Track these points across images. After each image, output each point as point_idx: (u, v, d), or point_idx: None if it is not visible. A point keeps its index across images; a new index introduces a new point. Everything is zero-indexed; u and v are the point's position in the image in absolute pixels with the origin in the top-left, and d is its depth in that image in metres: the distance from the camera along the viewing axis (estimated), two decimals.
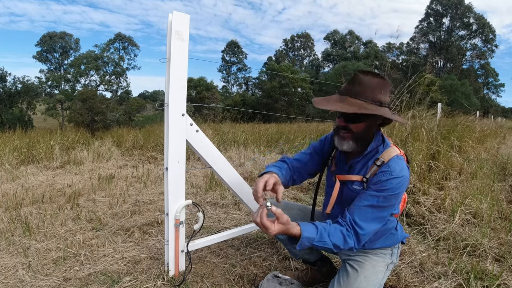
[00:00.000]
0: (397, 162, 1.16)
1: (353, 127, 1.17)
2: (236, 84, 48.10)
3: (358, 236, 1.13)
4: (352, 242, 1.13)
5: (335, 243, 1.11)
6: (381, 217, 1.16)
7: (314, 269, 1.58)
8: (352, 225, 1.13)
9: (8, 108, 28.55)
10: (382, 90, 1.13)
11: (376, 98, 1.12)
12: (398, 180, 1.13)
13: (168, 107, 1.40)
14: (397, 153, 1.20)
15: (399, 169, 1.15)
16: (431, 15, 41.46)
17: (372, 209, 1.14)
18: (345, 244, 1.12)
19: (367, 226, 1.13)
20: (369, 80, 1.12)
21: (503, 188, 3.27)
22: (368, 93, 1.11)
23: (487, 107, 36.57)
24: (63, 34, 37.82)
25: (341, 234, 1.12)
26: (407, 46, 43.43)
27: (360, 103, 1.11)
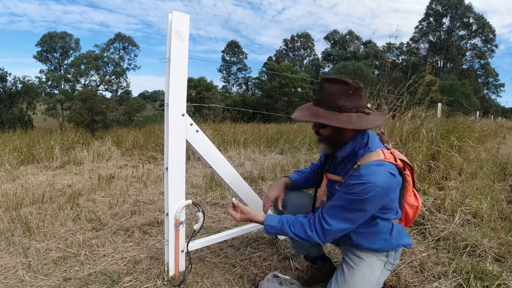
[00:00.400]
0: (369, 168, 1.14)
1: (322, 132, 1.25)
2: (236, 84, 48.15)
3: (324, 231, 1.20)
4: (315, 235, 1.20)
5: (295, 233, 1.23)
6: (349, 218, 1.17)
7: (314, 268, 1.59)
8: (320, 220, 1.20)
9: (8, 108, 28.55)
10: (344, 95, 1.15)
11: (336, 104, 1.16)
12: (364, 186, 1.11)
13: (168, 107, 1.40)
14: (379, 158, 1.16)
15: (368, 174, 1.12)
16: (431, 15, 41.48)
17: (339, 209, 1.18)
18: (306, 235, 1.22)
19: (333, 223, 1.18)
20: (330, 87, 1.17)
21: (503, 188, 3.26)
22: (328, 100, 1.17)
23: (487, 107, 36.55)
24: (64, 34, 37.83)
25: (301, 226, 1.23)
26: (407, 46, 43.45)
27: (316, 111, 1.19)
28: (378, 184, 1.11)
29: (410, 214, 1.35)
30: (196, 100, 28.37)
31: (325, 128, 1.22)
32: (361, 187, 1.12)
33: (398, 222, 1.34)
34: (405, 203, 1.33)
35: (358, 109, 1.17)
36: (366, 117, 1.18)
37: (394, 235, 1.28)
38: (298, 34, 49.46)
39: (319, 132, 1.26)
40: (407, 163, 1.27)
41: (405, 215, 1.35)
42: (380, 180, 1.12)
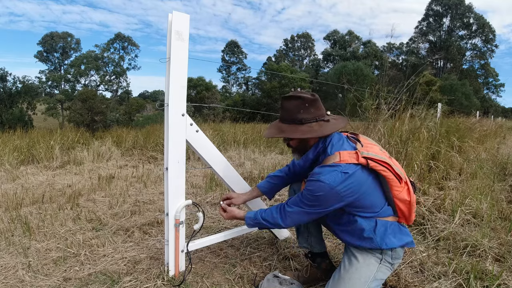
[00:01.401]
0: (322, 168, 1.25)
1: (291, 143, 1.41)
2: (236, 84, 48.14)
3: (286, 213, 1.32)
4: (278, 217, 1.34)
5: (264, 218, 1.39)
6: (305, 204, 1.28)
7: (314, 267, 1.59)
8: (284, 205, 1.34)
9: (8, 108, 28.56)
10: (301, 109, 1.31)
11: (296, 118, 1.32)
12: (315, 184, 1.23)
13: (168, 107, 1.40)
14: (334, 161, 1.25)
15: (319, 174, 1.23)
16: (430, 15, 41.47)
17: (300, 197, 1.30)
18: (272, 217, 1.36)
19: (292, 210, 1.31)
20: (288, 104, 1.34)
21: (503, 188, 3.26)
22: (288, 116, 1.34)
23: (487, 107, 36.56)
24: (65, 34, 37.87)
25: (270, 212, 1.38)
26: (406, 46, 43.44)
27: (281, 127, 1.37)
28: (326, 183, 1.20)
29: (405, 209, 1.33)
30: (196, 100, 28.37)
31: (292, 140, 1.38)
32: (313, 184, 1.24)
33: (393, 219, 1.33)
34: (395, 198, 1.31)
35: (317, 118, 1.33)
36: (326, 124, 1.33)
37: (379, 233, 1.28)
38: (298, 34, 49.50)
39: (289, 144, 1.42)
40: (378, 159, 1.26)
41: (400, 211, 1.33)
42: (329, 179, 1.20)
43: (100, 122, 24.74)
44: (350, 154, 1.26)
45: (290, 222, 1.33)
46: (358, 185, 1.24)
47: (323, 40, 48.07)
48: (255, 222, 1.43)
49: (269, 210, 1.40)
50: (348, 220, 1.32)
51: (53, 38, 36.87)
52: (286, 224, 1.34)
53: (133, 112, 32.26)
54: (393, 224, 1.32)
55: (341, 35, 46.40)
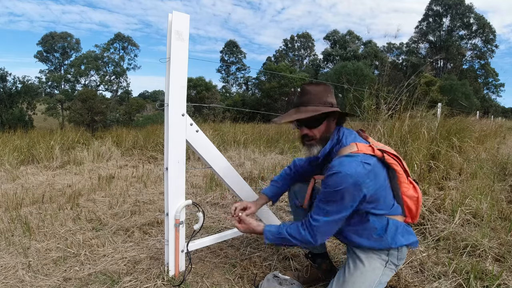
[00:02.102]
0: (340, 159, 1.21)
1: (316, 132, 1.31)
2: (235, 84, 48.13)
3: (312, 228, 1.23)
4: (307, 233, 1.24)
5: (290, 233, 1.28)
6: (328, 210, 1.21)
7: (314, 267, 1.59)
8: (309, 218, 1.26)
9: (8, 108, 28.57)
10: (328, 93, 1.30)
11: (325, 100, 1.28)
12: (335, 176, 1.17)
13: (168, 107, 1.40)
14: (352, 150, 1.23)
15: (338, 165, 1.18)
16: (430, 15, 41.46)
17: (320, 203, 1.23)
18: (300, 234, 1.26)
19: (318, 218, 1.23)
20: (314, 88, 1.30)
21: (503, 188, 3.26)
22: (317, 99, 1.28)
23: (487, 107, 36.54)
24: (65, 34, 37.86)
25: (296, 227, 1.28)
26: (406, 46, 43.44)
27: (313, 108, 1.27)
28: (348, 173, 1.15)
29: (412, 207, 1.33)
30: (196, 100, 28.37)
31: (318, 127, 1.30)
32: (333, 178, 1.17)
33: (401, 219, 1.32)
34: (404, 195, 1.31)
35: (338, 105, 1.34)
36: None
37: (390, 232, 1.27)
38: (298, 34, 49.50)
39: (311, 134, 1.31)
40: (391, 153, 1.28)
41: (407, 209, 1.33)
42: (350, 169, 1.16)
43: (100, 122, 24.75)
44: (366, 146, 1.26)
45: (321, 238, 1.24)
46: (377, 177, 1.22)
47: (323, 40, 48.12)
48: (279, 237, 1.31)
49: (295, 226, 1.29)
50: (360, 219, 1.27)
51: (53, 38, 36.87)
52: (316, 241, 1.24)
53: (133, 112, 32.28)
54: (401, 223, 1.32)
55: (341, 35, 46.40)
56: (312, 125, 1.30)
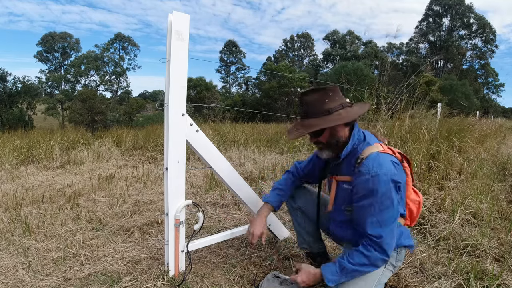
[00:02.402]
0: (373, 160, 1.19)
1: (321, 139, 1.29)
2: (235, 84, 48.11)
3: (379, 245, 1.17)
4: (376, 253, 1.17)
5: (357, 263, 1.19)
6: (386, 219, 1.18)
7: (314, 265, 1.59)
8: (369, 239, 1.19)
9: (8, 108, 28.56)
10: (326, 100, 1.24)
11: (323, 109, 1.24)
12: (377, 178, 1.16)
13: (168, 107, 1.40)
14: (379, 150, 1.22)
15: (375, 166, 1.17)
16: (430, 15, 41.45)
17: (373, 217, 1.18)
18: (368, 258, 1.18)
19: (381, 231, 1.17)
20: (310, 98, 1.26)
21: (503, 188, 3.26)
22: (313, 109, 1.25)
23: (487, 107, 36.54)
24: (64, 34, 37.86)
25: (358, 253, 1.19)
26: (406, 46, 43.43)
27: (308, 123, 1.25)
28: (386, 173, 1.16)
29: (414, 210, 1.36)
30: (196, 100, 28.37)
31: (321, 135, 1.28)
32: (374, 181, 1.16)
33: (402, 221, 1.34)
34: (408, 199, 1.34)
35: (343, 105, 1.26)
36: (351, 109, 1.28)
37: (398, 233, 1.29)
38: (298, 34, 49.47)
39: (318, 140, 1.30)
40: (405, 156, 1.32)
41: (409, 212, 1.36)
42: (387, 169, 1.17)
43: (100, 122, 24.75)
44: (387, 147, 1.27)
45: (391, 249, 1.20)
46: (404, 176, 1.25)
47: (323, 40, 48.11)
48: (345, 273, 1.21)
49: (355, 253, 1.20)
50: None
51: (53, 38, 36.87)
52: (388, 255, 1.19)
53: (133, 112, 32.28)
54: (403, 226, 1.35)
55: (341, 35, 46.38)
56: (316, 135, 1.29)
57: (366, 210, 1.19)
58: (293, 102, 32.03)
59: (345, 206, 1.34)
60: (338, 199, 1.37)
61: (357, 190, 1.22)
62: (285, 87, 31.74)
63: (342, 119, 1.23)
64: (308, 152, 4.43)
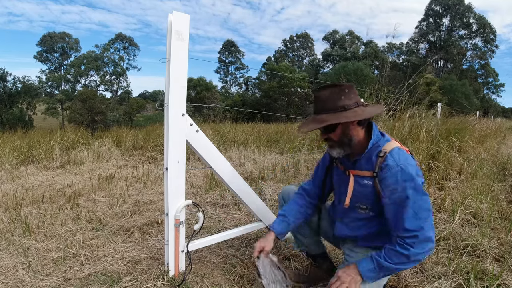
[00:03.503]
0: (398, 153, 1.21)
1: (333, 136, 1.26)
2: (235, 84, 48.09)
3: (419, 238, 1.14)
4: (414, 250, 1.14)
5: (397, 262, 1.15)
6: (425, 208, 1.16)
7: (315, 266, 1.59)
8: (406, 236, 1.15)
9: (8, 108, 28.57)
10: (342, 96, 1.22)
11: (338, 105, 1.21)
12: (404, 171, 1.17)
13: (168, 107, 1.40)
14: (398, 145, 1.24)
15: (402, 159, 1.19)
16: (430, 15, 41.46)
17: (410, 209, 1.15)
18: (408, 257, 1.14)
19: (420, 223, 1.14)
20: (326, 93, 1.24)
21: (503, 188, 3.26)
22: (329, 104, 1.23)
23: (487, 107, 36.58)
24: (64, 34, 37.85)
25: (397, 253, 1.16)
26: (406, 46, 43.43)
27: (322, 117, 1.22)
28: (413, 165, 1.19)
29: None
30: (196, 100, 28.36)
31: (334, 132, 1.25)
32: (404, 172, 1.16)
33: None
34: None
35: (358, 103, 1.24)
36: (366, 108, 1.25)
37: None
38: (298, 34, 49.44)
39: (329, 137, 1.28)
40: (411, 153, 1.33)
41: None
42: (411, 161, 1.21)
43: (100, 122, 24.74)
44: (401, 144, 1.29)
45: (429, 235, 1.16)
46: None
47: (322, 40, 48.10)
48: (382, 271, 1.19)
49: (390, 251, 1.17)
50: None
51: (52, 38, 36.86)
52: (431, 249, 1.17)
53: (133, 112, 32.30)
54: None
55: (340, 35, 46.38)
56: (328, 131, 1.27)
57: (402, 204, 1.17)
58: (293, 102, 32.03)
59: (360, 203, 1.31)
60: (354, 195, 1.33)
61: (387, 184, 1.20)
62: (285, 87, 31.75)
63: (356, 116, 1.21)
64: (308, 152, 4.43)
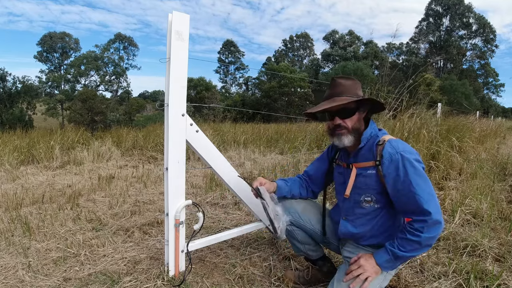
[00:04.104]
0: (397, 141, 1.26)
1: (348, 122, 1.30)
2: (235, 84, 48.08)
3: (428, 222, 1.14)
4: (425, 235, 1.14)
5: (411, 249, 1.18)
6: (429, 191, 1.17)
7: (315, 268, 1.59)
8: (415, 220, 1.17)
9: (8, 108, 28.58)
10: (358, 87, 1.34)
11: (357, 93, 1.32)
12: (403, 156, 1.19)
13: (168, 107, 1.40)
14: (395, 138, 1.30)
15: (401, 146, 1.23)
16: (431, 15, 41.46)
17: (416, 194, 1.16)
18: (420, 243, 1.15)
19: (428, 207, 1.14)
20: (345, 81, 1.33)
21: (503, 188, 3.26)
22: (349, 90, 1.31)
23: (487, 107, 36.59)
24: (64, 34, 37.84)
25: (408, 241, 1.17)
26: (406, 46, 43.44)
27: (347, 98, 1.28)
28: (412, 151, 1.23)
29: None
30: (196, 100, 28.37)
31: (350, 117, 1.30)
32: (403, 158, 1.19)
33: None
34: None
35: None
36: None
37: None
38: (297, 34, 49.44)
39: (343, 124, 1.30)
40: None
41: None
42: (409, 147, 1.25)
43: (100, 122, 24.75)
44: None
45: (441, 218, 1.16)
46: None
47: (322, 40, 48.10)
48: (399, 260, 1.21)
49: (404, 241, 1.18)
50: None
51: (51, 38, 36.85)
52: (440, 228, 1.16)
53: (133, 112, 32.31)
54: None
55: (341, 35, 46.37)
56: (345, 115, 1.30)
57: (406, 190, 1.18)
58: (293, 102, 32.03)
59: (364, 196, 1.31)
60: (356, 189, 1.34)
61: (389, 171, 1.22)
62: (285, 87, 31.75)
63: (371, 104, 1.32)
64: (308, 152, 4.43)
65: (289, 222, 1.49)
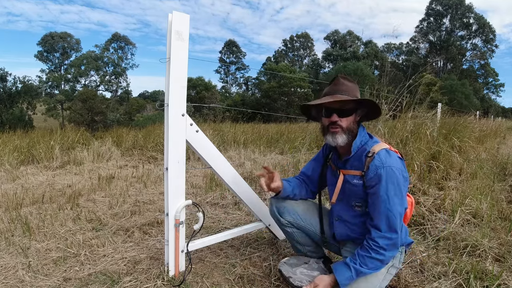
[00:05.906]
0: (386, 155, 1.26)
1: (344, 121, 1.32)
2: (235, 84, 48.08)
3: (393, 241, 1.23)
4: (388, 253, 1.23)
5: (373, 267, 1.24)
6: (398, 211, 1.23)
7: None
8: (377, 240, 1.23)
9: (8, 108, 28.58)
10: (358, 90, 1.37)
11: (357, 96, 1.35)
12: (388, 170, 1.22)
13: (168, 107, 1.40)
14: (386, 147, 1.29)
15: (389, 160, 1.24)
16: (431, 15, 41.45)
17: (387, 210, 1.22)
18: (382, 262, 1.24)
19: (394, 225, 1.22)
20: (348, 82, 1.36)
21: (503, 188, 3.26)
22: (350, 91, 1.34)
23: (487, 107, 36.58)
24: (64, 34, 37.83)
25: (372, 259, 1.23)
26: (406, 46, 43.43)
27: (349, 97, 1.31)
28: (398, 168, 1.24)
29: (408, 211, 1.38)
30: (196, 100, 28.36)
31: (348, 117, 1.32)
32: (387, 173, 1.22)
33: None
34: None
35: None
36: None
37: (403, 230, 1.33)
38: (297, 34, 49.41)
39: (340, 122, 1.31)
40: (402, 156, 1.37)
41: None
42: (397, 164, 1.26)
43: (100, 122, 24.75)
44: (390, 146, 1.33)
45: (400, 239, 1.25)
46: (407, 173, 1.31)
47: (324, 40, 48.08)
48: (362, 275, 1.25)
49: (367, 259, 1.23)
50: None
51: (53, 38, 36.85)
52: (398, 246, 1.26)
53: (133, 112, 32.33)
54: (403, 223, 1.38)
55: (341, 35, 46.37)
56: (344, 114, 1.31)
57: (381, 205, 1.23)
58: (293, 102, 32.00)
59: (355, 201, 1.35)
60: (345, 194, 1.38)
61: (371, 184, 1.25)
62: (285, 87, 31.73)
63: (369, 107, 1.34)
64: (308, 152, 4.43)
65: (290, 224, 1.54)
